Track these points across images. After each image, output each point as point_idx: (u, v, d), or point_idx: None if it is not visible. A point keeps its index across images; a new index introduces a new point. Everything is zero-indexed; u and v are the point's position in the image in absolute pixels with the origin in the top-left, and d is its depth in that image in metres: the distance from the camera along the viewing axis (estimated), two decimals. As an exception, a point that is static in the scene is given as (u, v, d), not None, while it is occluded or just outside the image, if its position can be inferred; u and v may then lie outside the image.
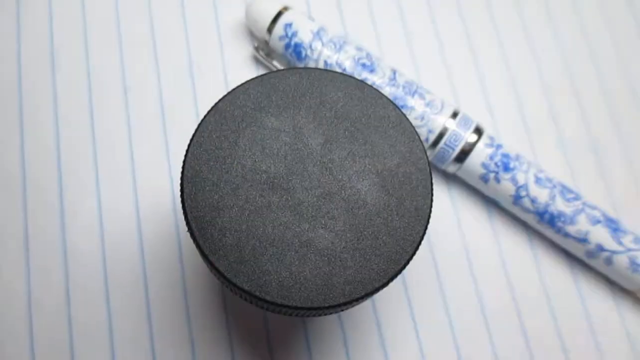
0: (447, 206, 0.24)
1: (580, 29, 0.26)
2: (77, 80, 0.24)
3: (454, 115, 0.22)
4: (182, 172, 0.16)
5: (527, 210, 0.22)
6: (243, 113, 0.17)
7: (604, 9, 0.27)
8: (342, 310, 0.16)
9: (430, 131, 0.22)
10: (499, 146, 0.23)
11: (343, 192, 0.16)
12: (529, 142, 0.25)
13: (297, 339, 0.22)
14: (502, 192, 0.23)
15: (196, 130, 0.16)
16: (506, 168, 0.22)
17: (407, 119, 0.17)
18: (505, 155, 0.22)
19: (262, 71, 0.25)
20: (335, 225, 0.16)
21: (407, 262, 0.16)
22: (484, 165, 0.22)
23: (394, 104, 0.17)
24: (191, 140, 0.16)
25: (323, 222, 0.16)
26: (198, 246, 0.15)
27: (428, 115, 0.22)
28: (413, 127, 0.17)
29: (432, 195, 0.16)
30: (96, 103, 0.24)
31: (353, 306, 0.16)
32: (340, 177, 0.16)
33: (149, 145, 0.24)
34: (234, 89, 0.17)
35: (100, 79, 0.24)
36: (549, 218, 0.22)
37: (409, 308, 0.22)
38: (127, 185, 0.23)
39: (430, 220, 0.23)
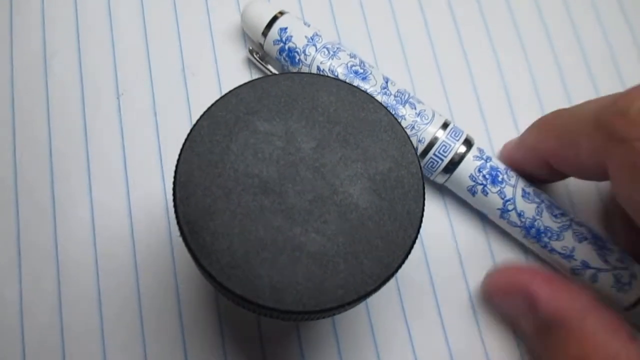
0: (441, 213, 0.24)
1: (574, 33, 0.27)
2: (69, 85, 0.24)
3: (445, 125, 0.23)
4: (175, 177, 0.16)
5: (513, 224, 0.22)
6: (235, 117, 0.17)
7: (598, 13, 0.27)
8: (335, 315, 0.16)
9: (420, 141, 0.22)
10: (488, 158, 0.23)
11: (335, 196, 0.16)
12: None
13: (290, 344, 0.22)
14: (489, 205, 0.23)
15: (188, 135, 0.16)
16: (494, 181, 0.22)
17: (399, 123, 0.17)
18: (494, 169, 0.22)
19: (255, 75, 0.25)
20: (328, 229, 0.16)
21: (399, 266, 0.16)
22: (471, 178, 0.22)
23: (386, 109, 0.17)
24: (183, 144, 0.16)
25: (315, 226, 0.16)
26: (190, 250, 0.15)
27: (418, 125, 0.22)
28: (405, 132, 0.17)
29: (424, 199, 0.16)
30: (89, 108, 0.24)
31: (346, 310, 0.16)
32: (332, 181, 0.16)
33: (141, 150, 0.24)
34: (226, 94, 0.17)
35: (93, 83, 0.24)
36: (535, 233, 0.22)
37: (403, 314, 0.22)
38: (120, 190, 0.23)
39: (424, 227, 0.23)
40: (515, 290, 0.21)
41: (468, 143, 0.23)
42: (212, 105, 0.17)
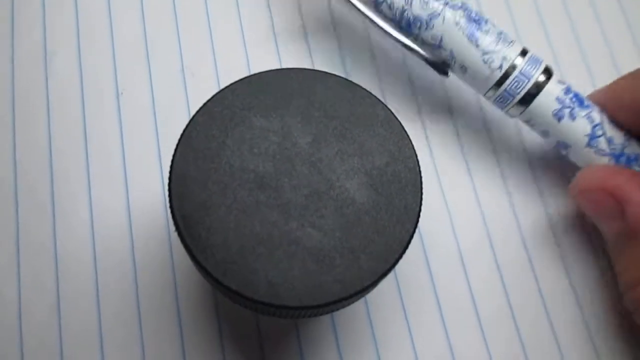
0: (442, 210, 0.24)
1: (573, 33, 0.27)
2: (69, 84, 0.24)
3: (524, 52, 0.21)
4: (170, 172, 0.16)
5: (602, 152, 0.21)
6: (232, 113, 0.17)
7: (597, 13, 0.27)
8: (332, 311, 0.16)
9: (502, 62, 0.21)
10: (569, 86, 0.21)
11: (332, 191, 0.16)
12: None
13: (289, 343, 0.22)
14: (576, 132, 0.21)
15: (185, 130, 0.16)
16: (581, 104, 0.21)
17: (396, 117, 0.17)
18: (578, 94, 0.21)
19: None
20: (324, 224, 0.16)
21: (397, 261, 0.16)
22: (558, 100, 0.21)
23: (383, 103, 0.17)
24: (179, 139, 0.16)
25: (312, 221, 0.16)
26: (185, 245, 0.15)
27: (500, 46, 0.21)
28: (402, 126, 0.17)
29: (421, 193, 0.16)
30: (88, 106, 0.24)
31: (343, 306, 0.16)
32: (329, 176, 0.16)
33: (141, 148, 0.24)
34: (222, 89, 0.17)
35: (93, 82, 0.24)
36: (626, 160, 0.21)
37: (402, 310, 0.22)
38: (119, 189, 0.23)
39: (423, 221, 0.23)
40: (606, 190, 0.20)
41: (548, 71, 0.21)
42: (209, 100, 0.17)
